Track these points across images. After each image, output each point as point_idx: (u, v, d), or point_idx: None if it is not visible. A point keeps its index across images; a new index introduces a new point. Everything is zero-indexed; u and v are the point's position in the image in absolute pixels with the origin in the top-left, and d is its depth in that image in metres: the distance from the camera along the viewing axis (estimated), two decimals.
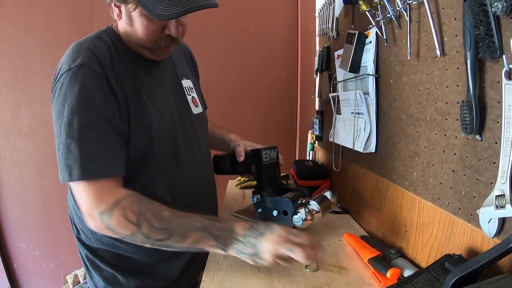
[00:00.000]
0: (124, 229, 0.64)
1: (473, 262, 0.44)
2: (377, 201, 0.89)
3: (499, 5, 0.43)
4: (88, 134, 0.65)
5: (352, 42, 0.91)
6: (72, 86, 0.65)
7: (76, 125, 0.64)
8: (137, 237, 0.65)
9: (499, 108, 0.47)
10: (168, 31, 0.71)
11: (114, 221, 0.64)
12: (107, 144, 0.66)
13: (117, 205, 0.64)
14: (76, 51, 0.69)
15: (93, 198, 0.65)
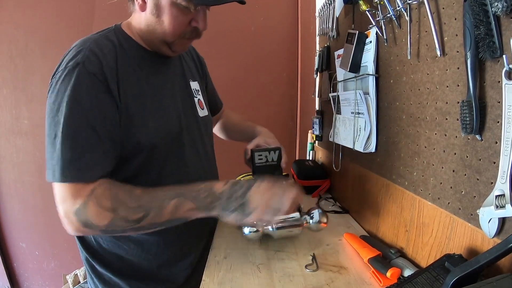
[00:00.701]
0: (102, 218, 0.62)
1: (473, 262, 0.44)
2: (377, 201, 0.89)
3: (499, 5, 0.43)
4: (71, 136, 0.62)
5: (352, 42, 0.91)
6: (64, 85, 0.64)
7: (62, 124, 0.62)
8: (116, 224, 0.62)
9: (499, 108, 0.47)
10: (195, 23, 0.71)
11: (90, 214, 0.61)
12: (88, 149, 0.64)
13: (91, 196, 0.62)
14: (77, 49, 0.67)
15: (70, 196, 0.62)
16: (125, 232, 0.64)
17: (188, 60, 0.95)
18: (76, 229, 0.63)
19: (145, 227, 0.63)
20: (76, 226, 0.63)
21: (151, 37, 0.73)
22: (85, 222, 0.62)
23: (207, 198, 0.65)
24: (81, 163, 0.63)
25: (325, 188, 1.32)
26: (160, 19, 0.69)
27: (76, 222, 0.62)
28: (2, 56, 1.83)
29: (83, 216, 0.62)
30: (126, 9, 0.78)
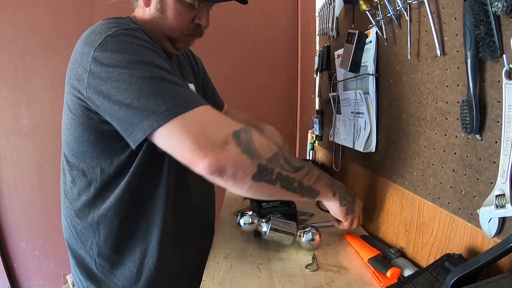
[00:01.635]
0: (267, 148, 0.55)
1: (473, 262, 0.44)
2: (377, 201, 0.89)
3: (500, 5, 0.43)
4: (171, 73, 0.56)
5: (352, 41, 0.91)
6: (127, 41, 0.57)
7: (156, 67, 0.55)
8: (278, 162, 0.56)
9: (499, 107, 0.47)
10: (198, 20, 0.73)
11: (255, 139, 0.54)
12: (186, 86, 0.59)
13: (248, 126, 0.56)
14: (118, 23, 0.63)
15: (222, 119, 0.55)
16: (276, 180, 0.56)
17: (185, 62, 0.96)
18: (228, 157, 0.51)
19: (295, 181, 0.59)
20: (233, 152, 0.52)
21: (155, 32, 0.73)
22: (247, 147, 0.53)
23: (335, 183, 0.71)
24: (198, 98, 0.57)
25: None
26: (164, 15, 0.70)
27: (235, 146, 0.52)
28: (2, 56, 1.83)
29: (247, 139, 0.53)
30: (126, 9, 0.78)
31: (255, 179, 0.54)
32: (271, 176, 0.55)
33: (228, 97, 1.90)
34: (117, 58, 0.55)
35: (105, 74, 0.55)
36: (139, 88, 0.53)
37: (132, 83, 0.53)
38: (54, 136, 1.84)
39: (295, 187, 0.60)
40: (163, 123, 0.51)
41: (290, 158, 0.58)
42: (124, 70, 0.54)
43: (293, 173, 0.59)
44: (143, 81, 0.54)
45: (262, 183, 0.55)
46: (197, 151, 0.50)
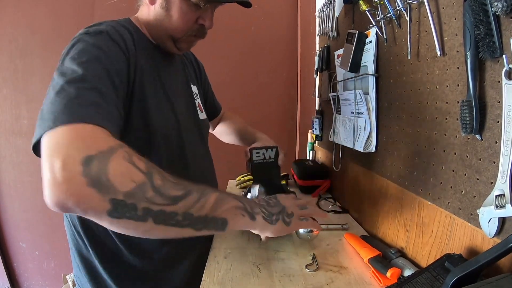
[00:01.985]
0: (126, 179, 0.43)
1: (473, 262, 0.44)
2: (377, 201, 0.89)
3: (499, 5, 0.43)
4: (89, 84, 0.52)
5: (352, 41, 0.91)
6: (85, 45, 0.57)
7: (79, 73, 0.52)
8: (143, 195, 0.45)
9: (499, 107, 0.47)
10: (202, 21, 0.73)
11: (112, 167, 0.43)
12: (107, 100, 0.54)
13: (118, 148, 0.46)
14: (97, 25, 0.64)
15: (82, 140, 0.45)
16: (143, 217, 0.45)
17: (188, 64, 0.97)
18: (70, 190, 0.41)
19: (176, 215, 0.47)
20: (76, 184, 0.41)
21: (159, 32, 0.74)
22: (96, 178, 0.42)
23: (250, 202, 0.60)
24: (101, 109, 0.51)
25: (325, 188, 1.32)
26: (169, 13, 0.70)
27: (80, 176, 0.41)
28: (2, 56, 1.83)
29: (98, 169, 0.42)
30: (126, 9, 0.79)
31: (112, 217, 0.43)
32: (135, 212, 0.44)
33: (228, 97, 1.91)
34: (64, 65, 0.55)
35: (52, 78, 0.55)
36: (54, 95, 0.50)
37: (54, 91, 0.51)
38: None
39: (179, 220, 0.47)
40: (40, 136, 0.47)
41: (165, 187, 0.47)
42: (57, 77, 0.54)
43: (171, 205, 0.46)
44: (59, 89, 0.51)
45: (125, 220, 0.44)
46: (44, 180, 0.42)
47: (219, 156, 1.80)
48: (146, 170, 0.46)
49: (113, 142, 0.47)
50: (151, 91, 0.70)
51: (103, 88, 0.54)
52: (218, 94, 1.93)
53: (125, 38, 0.65)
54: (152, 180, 0.46)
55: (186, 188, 0.50)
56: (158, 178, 0.47)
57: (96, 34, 0.60)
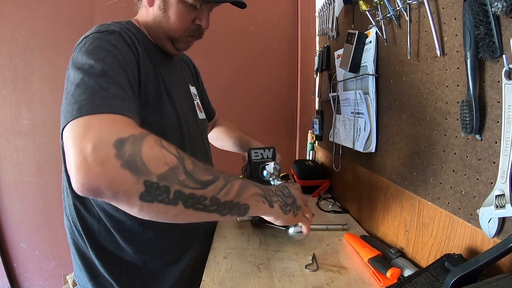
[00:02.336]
0: (160, 161, 0.44)
1: (473, 262, 0.44)
2: (377, 201, 0.89)
3: (499, 5, 0.43)
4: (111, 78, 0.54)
5: (352, 42, 0.92)
6: (99, 42, 0.59)
7: (99, 69, 0.54)
8: (176, 178, 0.45)
9: (499, 107, 0.47)
10: (199, 21, 0.75)
11: (146, 149, 0.43)
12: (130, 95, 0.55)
13: (148, 134, 0.47)
14: (106, 25, 0.66)
15: (111, 124, 0.46)
16: (174, 201, 0.45)
17: (186, 67, 1.01)
18: (104, 172, 0.41)
19: (205, 199, 0.48)
20: (109, 166, 0.41)
21: (157, 32, 0.77)
22: (131, 160, 0.42)
23: (269, 190, 0.62)
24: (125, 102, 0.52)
25: (325, 188, 1.32)
26: (166, 14, 0.73)
27: (113, 157, 0.41)
28: (2, 56, 1.83)
29: (132, 151, 0.42)
30: (126, 9, 0.79)
31: (144, 200, 0.43)
32: (167, 195, 0.44)
33: (228, 97, 1.91)
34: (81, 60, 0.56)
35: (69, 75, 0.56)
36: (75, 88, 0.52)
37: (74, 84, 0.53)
38: (54, 136, 1.84)
39: (207, 205, 0.49)
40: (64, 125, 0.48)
41: (195, 171, 0.48)
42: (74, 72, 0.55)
43: (201, 189, 0.47)
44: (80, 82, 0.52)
45: (156, 204, 0.44)
46: (73, 164, 0.42)
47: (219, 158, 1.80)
48: (178, 154, 0.47)
49: (142, 129, 0.48)
50: (154, 90, 0.71)
51: (123, 84, 0.55)
52: (218, 95, 1.93)
53: (133, 40, 0.68)
54: (184, 164, 0.47)
55: (214, 173, 0.51)
56: (189, 162, 0.48)
57: (109, 33, 0.62)
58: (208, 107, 1.18)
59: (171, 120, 0.75)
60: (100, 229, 0.74)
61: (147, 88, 0.69)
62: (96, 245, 0.74)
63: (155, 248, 0.78)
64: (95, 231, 0.74)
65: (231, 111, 1.91)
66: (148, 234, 0.75)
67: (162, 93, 0.75)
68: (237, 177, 0.56)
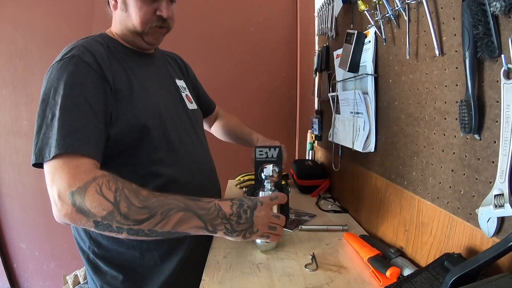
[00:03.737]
0: (99, 208, 0.58)
1: (473, 261, 0.44)
2: (377, 201, 0.89)
3: (498, 5, 0.43)
4: (69, 111, 0.64)
5: (351, 41, 0.92)
6: (61, 72, 0.68)
7: (60, 103, 0.65)
8: (114, 219, 0.58)
9: (498, 107, 0.47)
10: (160, 12, 0.79)
11: (88, 199, 0.58)
12: (86, 124, 0.65)
13: (92, 182, 0.59)
14: (69, 48, 0.73)
15: (67, 176, 0.60)
16: (119, 231, 0.60)
17: (173, 64, 1.05)
18: (66, 214, 0.59)
19: (143, 231, 0.61)
20: (68, 211, 0.58)
21: (126, 31, 0.82)
22: (80, 207, 0.58)
23: (216, 219, 0.65)
24: (81, 135, 0.63)
25: (324, 187, 1.32)
26: (128, 13, 0.79)
27: (70, 205, 0.58)
28: (1, 57, 1.83)
29: (79, 201, 0.58)
30: None
31: (99, 230, 0.60)
32: (111, 228, 0.59)
33: (228, 97, 1.91)
34: (47, 92, 0.68)
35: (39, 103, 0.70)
36: (40, 120, 0.66)
37: (38, 116, 0.67)
38: None
39: (148, 233, 0.61)
40: (38, 161, 0.63)
41: (130, 213, 0.59)
42: (41, 102, 0.69)
43: (137, 225, 0.60)
44: (49, 108, 0.66)
45: (108, 232, 0.60)
46: (52, 201, 0.60)
47: (219, 157, 1.80)
48: (114, 201, 0.59)
49: (87, 177, 0.60)
50: (125, 88, 0.76)
51: (80, 113, 0.66)
52: (218, 94, 1.92)
53: (96, 54, 0.73)
54: (119, 208, 0.59)
55: (151, 211, 0.61)
56: (124, 206, 0.59)
57: (69, 59, 0.69)
58: (205, 100, 1.20)
59: (150, 112, 0.78)
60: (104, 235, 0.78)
61: (116, 88, 0.74)
62: (94, 241, 0.79)
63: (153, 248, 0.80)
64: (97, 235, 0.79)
65: (230, 111, 1.90)
66: None
67: (135, 88, 0.78)
68: (183, 209, 0.63)
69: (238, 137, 1.21)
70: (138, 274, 0.80)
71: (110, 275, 0.79)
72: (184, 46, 1.74)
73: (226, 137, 1.27)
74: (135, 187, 0.63)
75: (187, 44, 1.78)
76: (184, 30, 1.72)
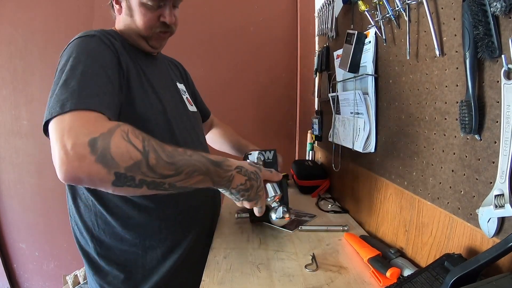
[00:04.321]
0: (126, 156, 0.51)
1: (473, 262, 0.44)
2: (377, 201, 0.89)
3: (498, 5, 0.43)
4: (89, 78, 0.62)
5: (352, 42, 0.92)
6: (80, 46, 0.68)
7: (80, 70, 0.62)
8: (140, 171, 0.53)
9: (498, 107, 0.47)
10: (163, 18, 0.81)
11: (114, 146, 0.51)
12: (107, 92, 0.63)
13: (116, 128, 0.53)
14: (88, 31, 0.74)
15: (87, 124, 0.53)
16: (139, 185, 0.54)
17: (173, 67, 1.08)
18: (81, 166, 0.49)
19: (164, 185, 0.56)
20: (85, 161, 0.49)
21: (131, 34, 0.84)
22: (102, 155, 0.50)
23: (224, 185, 0.66)
24: (102, 99, 0.60)
25: (324, 188, 1.32)
26: (133, 18, 0.81)
27: (89, 154, 0.49)
28: (1, 57, 1.83)
29: (103, 147, 0.50)
30: None
31: (115, 185, 0.52)
32: (133, 181, 0.53)
33: (227, 97, 1.91)
34: (65, 63, 0.65)
35: (55, 77, 0.65)
36: (58, 88, 0.60)
37: (55, 83, 0.62)
38: None
39: (166, 188, 0.57)
40: (49, 119, 0.55)
41: (158, 166, 0.54)
42: (59, 73, 0.64)
43: (161, 179, 0.55)
44: (66, 73, 0.62)
45: (125, 188, 0.54)
46: (58, 158, 0.50)
47: None
48: (143, 150, 0.53)
49: (111, 124, 0.54)
50: (136, 82, 0.77)
51: (101, 82, 0.64)
52: (217, 94, 1.93)
53: (113, 42, 0.75)
54: (148, 158, 0.53)
55: (177, 169, 0.57)
56: (153, 157, 0.54)
57: (90, 37, 0.71)
58: (202, 107, 1.22)
59: (157, 108, 0.80)
60: (98, 221, 0.78)
61: (129, 80, 0.75)
62: (96, 239, 0.79)
63: (152, 233, 0.80)
64: (94, 225, 0.78)
65: (230, 111, 1.91)
66: (143, 217, 0.79)
67: (144, 84, 0.80)
68: (204, 173, 0.61)
69: (235, 147, 1.26)
70: (139, 273, 0.80)
71: (111, 275, 0.79)
72: (184, 46, 1.74)
73: (222, 146, 1.30)
74: (158, 141, 0.58)
75: (187, 45, 1.78)
76: (184, 31, 1.71)
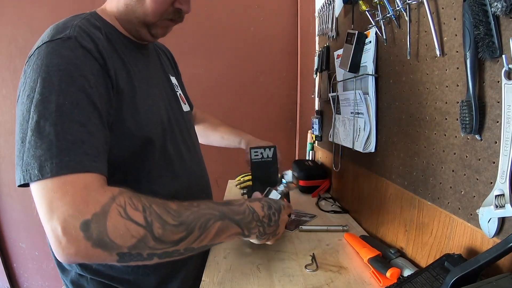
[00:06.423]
0: (127, 236, 0.45)
1: (473, 262, 0.44)
2: (377, 201, 0.89)
3: (499, 5, 0.43)
4: (67, 116, 0.49)
5: (352, 42, 0.92)
6: (51, 58, 0.52)
7: (54, 103, 0.48)
8: (146, 246, 0.47)
9: (499, 107, 0.47)
10: (179, 5, 0.68)
11: (111, 228, 0.44)
12: (91, 130, 0.51)
13: (111, 204, 0.46)
14: (60, 27, 0.58)
15: (75, 200, 0.44)
16: (149, 259, 0.48)
17: (162, 55, 0.92)
18: (79, 253, 0.44)
19: (178, 251, 0.51)
20: (81, 248, 0.43)
21: (130, 18, 0.69)
22: (99, 240, 0.44)
23: (251, 223, 0.61)
24: (88, 146, 0.49)
25: (324, 188, 1.32)
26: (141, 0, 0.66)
27: (84, 240, 0.43)
28: (1, 56, 1.83)
29: (98, 231, 0.44)
30: None
31: (121, 262, 0.47)
32: (140, 257, 0.48)
33: (227, 97, 1.91)
34: (33, 84, 0.51)
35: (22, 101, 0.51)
36: (25, 126, 0.49)
37: (23, 119, 0.49)
38: None
39: (183, 253, 0.52)
40: (32, 181, 0.46)
41: (166, 234, 0.48)
42: (25, 99, 0.50)
43: (173, 246, 0.50)
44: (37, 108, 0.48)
45: (133, 262, 0.48)
46: (51, 241, 0.44)
47: (218, 157, 1.80)
48: (145, 223, 0.47)
49: (104, 198, 0.46)
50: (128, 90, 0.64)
51: (83, 116, 0.51)
52: (217, 94, 1.93)
53: (96, 40, 0.58)
54: (153, 231, 0.48)
55: (188, 227, 0.51)
56: (158, 226, 0.48)
57: (64, 41, 0.54)
58: (188, 101, 1.04)
59: (153, 120, 0.69)
60: None
61: (118, 86, 0.61)
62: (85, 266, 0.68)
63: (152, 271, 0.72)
64: None
65: (230, 111, 1.91)
66: None
67: (135, 88, 0.66)
68: (220, 218, 0.55)
69: (225, 139, 1.13)
70: None
71: None
72: (184, 45, 1.74)
73: (208, 139, 1.17)
74: (160, 200, 0.52)
75: (187, 44, 1.78)
76: (184, 30, 1.71)
